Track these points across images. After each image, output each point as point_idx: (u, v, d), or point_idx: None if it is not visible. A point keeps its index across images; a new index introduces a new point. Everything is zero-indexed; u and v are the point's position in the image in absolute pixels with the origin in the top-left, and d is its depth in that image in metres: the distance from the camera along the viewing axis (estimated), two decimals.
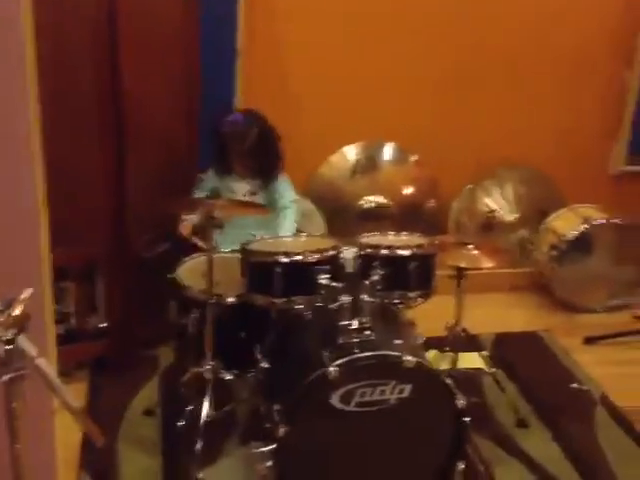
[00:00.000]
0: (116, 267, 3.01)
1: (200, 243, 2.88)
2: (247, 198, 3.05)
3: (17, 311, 1.11)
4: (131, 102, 2.85)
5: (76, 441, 2.60)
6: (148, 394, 2.94)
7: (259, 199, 3.07)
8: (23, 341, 1.12)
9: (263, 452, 2.21)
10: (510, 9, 3.60)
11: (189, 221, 2.95)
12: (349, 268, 2.52)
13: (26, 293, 1.14)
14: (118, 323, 3.06)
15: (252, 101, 3.25)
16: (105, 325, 3.06)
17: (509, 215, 3.83)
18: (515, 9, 3.61)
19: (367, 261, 2.49)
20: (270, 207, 3.00)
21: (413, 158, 3.75)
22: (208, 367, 2.59)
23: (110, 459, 2.57)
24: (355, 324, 2.28)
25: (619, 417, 2.88)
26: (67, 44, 2.72)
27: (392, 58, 3.58)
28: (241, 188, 3.06)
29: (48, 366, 1.16)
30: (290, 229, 3.00)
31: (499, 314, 3.63)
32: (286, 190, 3.10)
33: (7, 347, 1.11)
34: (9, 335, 1.11)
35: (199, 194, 3.05)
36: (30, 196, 1.66)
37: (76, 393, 2.70)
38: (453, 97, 3.68)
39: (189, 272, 2.80)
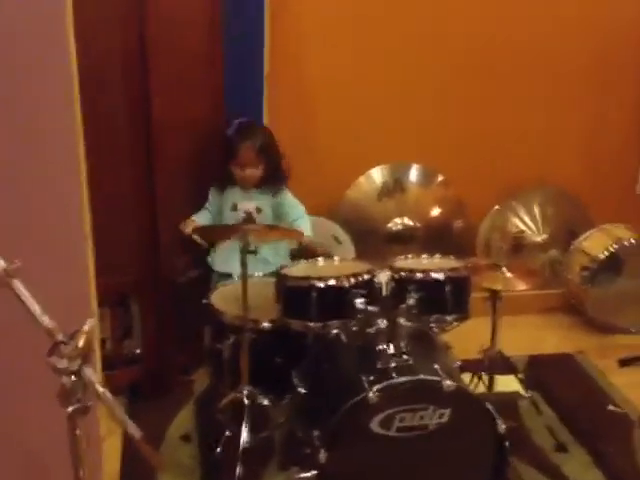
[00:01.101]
0: (150, 293, 3.03)
1: (200, 241, 2.89)
2: (255, 216, 2.98)
3: (81, 342, 1.12)
4: (161, 130, 2.89)
5: (116, 469, 2.61)
6: (184, 419, 2.94)
7: (266, 216, 3.05)
8: (87, 372, 1.14)
9: (304, 478, 2.21)
10: (531, 28, 3.61)
11: (193, 222, 3.00)
12: (384, 292, 2.53)
13: (88, 324, 1.16)
14: (153, 348, 3.08)
15: (278, 125, 3.26)
16: (140, 351, 3.09)
17: (537, 236, 3.82)
18: (536, 28, 3.61)
19: (402, 285, 2.49)
20: (280, 221, 3.01)
21: (439, 179, 3.76)
22: (245, 392, 2.59)
23: None
24: (392, 348, 2.28)
25: None
26: (99, 75, 2.76)
27: (417, 80, 3.60)
28: (247, 206, 3.01)
29: (111, 396, 1.17)
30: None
31: (531, 336, 3.61)
32: (295, 202, 3.09)
33: (73, 378, 1.12)
34: (75, 367, 1.12)
35: (198, 216, 3.08)
36: (80, 226, 1.69)
37: (111, 420, 2.70)
38: (479, 118, 3.68)
39: (223, 297, 2.81)
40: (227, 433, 2.63)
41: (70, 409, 1.14)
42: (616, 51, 3.71)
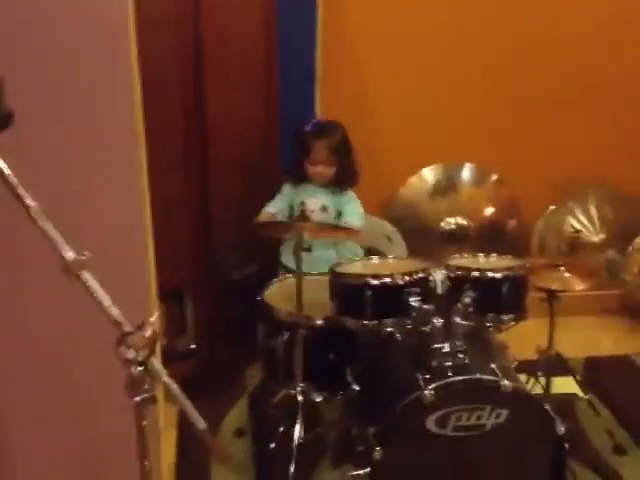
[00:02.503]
0: (204, 289, 3.07)
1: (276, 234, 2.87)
2: (319, 215, 3.02)
3: (148, 333, 1.14)
4: (215, 130, 2.92)
5: (171, 461, 2.64)
6: (237, 415, 2.97)
7: (332, 215, 3.06)
8: (154, 362, 1.15)
9: (358, 475, 2.20)
10: (582, 29, 3.56)
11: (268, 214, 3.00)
12: (439, 290, 2.51)
13: (154, 316, 1.17)
14: (207, 344, 3.11)
15: None
16: (194, 346, 3.12)
17: (594, 236, 3.75)
18: (587, 28, 3.57)
19: (457, 283, 2.46)
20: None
21: (493, 178, 3.72)
22: (298, 389, 2.60)
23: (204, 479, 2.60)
24: (448, 347, 2.26)
25: None
26: (155, 75, 2.79)
27: (470, 77, 3.57)
28: (313, 204, 3.04)
29: (176, 386, 1.19)
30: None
31: (588, 337, 3.56)
32: (356, 205, 3.06)
33: (140, 369, 1.14)
34: (142, 357, 1.14)
35: (273, 205, 3.08)
36: (141, 222, 1.72)
37: (167, 414, 2.74)
38: (532, 116, 3.64)
39: (276, 294, 2.82)
40: (281, 429, 2.64)
41: (138, 399, 1.15)
42: None
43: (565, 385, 2.90)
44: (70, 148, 1.51)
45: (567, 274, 2.65)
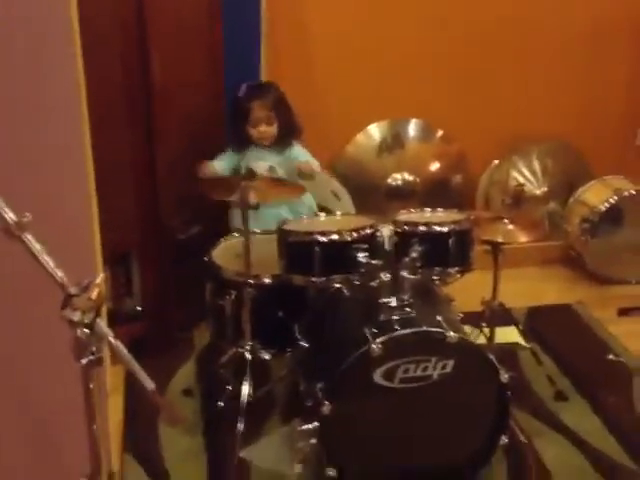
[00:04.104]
0: (150, 250, 3.03)
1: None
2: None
3: (94, 295, 1.12)
4: (159, 89, 2.86)
5: (118, 423, 2.63)
6: (185, 375, 2.96)
7: (280, 175, 3.04)
8: (100, 324, 1.14)
9: (307, 430, 2.23)
10: None
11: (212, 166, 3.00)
12: (386, 246, 2.52)
13: (100, 277, 1.15)
14: (153, 305, 3.08)
15: (277, 82, 3.20)
16: (141, 308, 3.09)
17: (537, 188, 3.82)
18: None
19: (405, 238, 2.48)
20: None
21: (439, 134, 3.73)
22: (247, 347, 2.60)
23: (152, 440, 2.59)
24: (395, 301, 2.28)
25: None
26: (97, 38, 2.72)
27: (415, 34, 3.54)
28: (260, 167, 3.01)
29: (124, 348, 1.17)
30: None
31: (531, 288, 3.63)
32: (304, 152, 3.08)
33: (86, 331, 1.12)
34: (88, 319, 1.12)
35: (218, 163, 3.05)
36: (85, 185, 1.68)
37: (114, 375, 2.72)
38: (477, 71, 3.64)
39: (224, 253, 2.81)
40: (229, 387, 2.65)
41: (84, 361, 1.14)
42: (616, 5, 3.65)
43: (508, 335, 2.97)
44: (9, 109, 1.45)
45: (511, 227, 2.69)
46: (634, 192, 3.62)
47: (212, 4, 3.07)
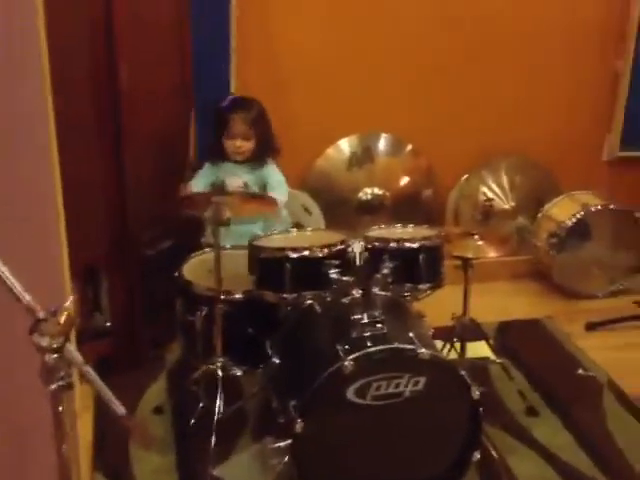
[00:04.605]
0: (119, 265, 2.99)
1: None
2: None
3: (63, 319, 1.09)
4: (128, 101, 2.83)
5: (88, 442, 2.59)
6: (156, 392, 2.92)
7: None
8: (70, 349, 1.12)
9: (279, 447, 2.22)
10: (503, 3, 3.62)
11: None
12: (357, 262, 2.52)
13: (69, 300, 1.13)
14: (122, 322, 3.04)
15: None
16: (109, 324, 3.06)
17: (506, 203, 3.85)
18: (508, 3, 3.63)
19: (376, 254, 2.49)
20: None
21: (408, 148, 3.76)
22: (218, 364, 2.58)
23: (123, 459, 2.55)
24: (367, 318, 2.28)
25: (626, 402, 2.90)
26: (65, 45, 2.69)
27: (384, 49, 3.58)
28: (234, 182, 3.04)
29: (94, 374, 1.15)
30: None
31: (500, 302, 3.65)
32: (277, 174, 3.08)
33: (55, 355, 1.10)
34: (57, 344, 1.10)
35: (196, 184, 3.04)
36: (54, 203, 1.65)
37: (83, 395, 2.67)
38: (446, 86, 3.68)
39: (194, 269, 2.78)
40: (201, 405, 2.62)
41: (53, 386, 1.11)
42: (583, 23, 3.72)
43: (479, 349, 2.97)
44: None
45: (481, 242, 2.71)
46: (600, 207, 3.67)
47: (181, 17, 3.08)
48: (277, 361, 2.50)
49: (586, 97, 3.86)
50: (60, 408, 1.13)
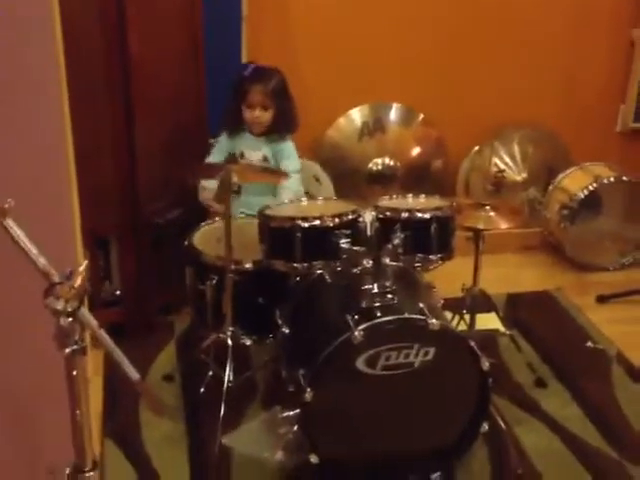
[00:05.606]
0: (129, 234, 3.00)
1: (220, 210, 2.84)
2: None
3: (78, 283, 1.09)
4: (139, 69, 2.81)
5: (98, 408, 2.61)
6: (166, 360, 2.94)
7: (272, 165, 3.02)
8: (84, 313, 1.12)
9: (289, 416, 2.23)
10: None
11: (209, 189, 2.86)
12: (368, 232, 2.51)
13: (83, 265, 1.13)
14: (133, 290, 3.06)
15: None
16: (119, 292, 3.07)
17: (517, 175, 3.82)
18: None
19: (387, 224, 2.47)
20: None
21: (420, 118, 3.72)
22: (228, 333, 2.59)
23: (132, 425, 2.58)
24: (377, 288, 2.27)
25: (635, 375, 2.91)
26: (75, 13, 2.66)
27: (397, 18, 3.54)
28: (254, 155, 3.02)
29: (108, 337, 1.16)
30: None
31: (510, 274, 3.65)
32: (293, 154, 3.05)
33: (70, 320, 1.10)
34: (71, 308, 1.10)
35: (213, 159, 3.02)
36: (65, 170, 1.64)
37: (93, 360, 2.70)
38: (459, 56, 3.64)
39: (204, 238, 2.78)
40: (210, 373, 2.64)
41: (68, 350, 1.12)
42: None
43: (488, 321, 2.98)
44: None
45: (492, 213, 2.69)
46: (613, 179, 3.64)
47: None
48: (287, 331, 2.50)
49: (600, 67, 3.81)
50: (75, 372, 1.13)
